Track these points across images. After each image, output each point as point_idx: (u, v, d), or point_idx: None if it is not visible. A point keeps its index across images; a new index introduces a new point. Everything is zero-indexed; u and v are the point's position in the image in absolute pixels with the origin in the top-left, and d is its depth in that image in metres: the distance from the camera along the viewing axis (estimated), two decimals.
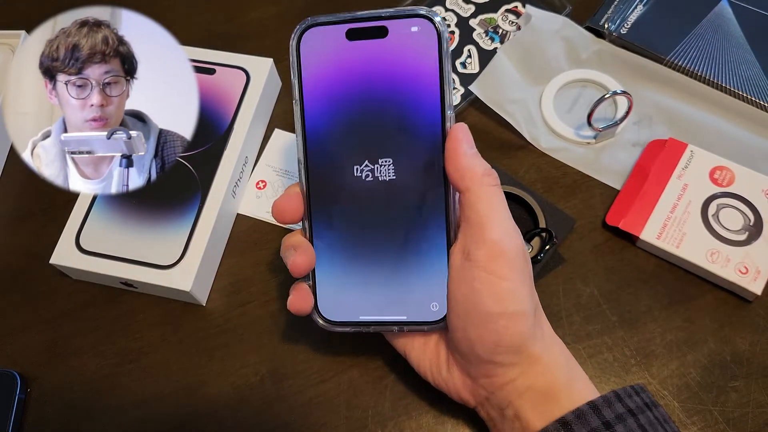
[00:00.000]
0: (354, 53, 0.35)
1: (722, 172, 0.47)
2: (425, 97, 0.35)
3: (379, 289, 0.36)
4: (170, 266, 0.45)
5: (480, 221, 0.34)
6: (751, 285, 0.43)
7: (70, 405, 0.44)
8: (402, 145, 0.35)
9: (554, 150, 0.51)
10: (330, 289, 0.37)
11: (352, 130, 0.36)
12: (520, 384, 0.34)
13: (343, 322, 0.37)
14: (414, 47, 0.34)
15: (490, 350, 0.34)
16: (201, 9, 0.61)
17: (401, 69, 0.35)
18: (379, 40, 0.35)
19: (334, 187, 0.36)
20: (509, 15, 0.57)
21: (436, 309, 0.36)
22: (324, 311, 0.37)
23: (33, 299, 0.48)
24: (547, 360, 0.34)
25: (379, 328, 0.37)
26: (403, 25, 0.34)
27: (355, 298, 0.37)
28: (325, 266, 0.37)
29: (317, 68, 0.36)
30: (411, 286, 0.36)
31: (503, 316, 0.33)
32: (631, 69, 0.53)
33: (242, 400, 0.43)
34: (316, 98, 0.36)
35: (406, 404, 0.42)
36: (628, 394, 0.34)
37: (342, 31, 0.35)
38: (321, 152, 0.36)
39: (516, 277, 0.34)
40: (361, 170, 0.36)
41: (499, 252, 0.33)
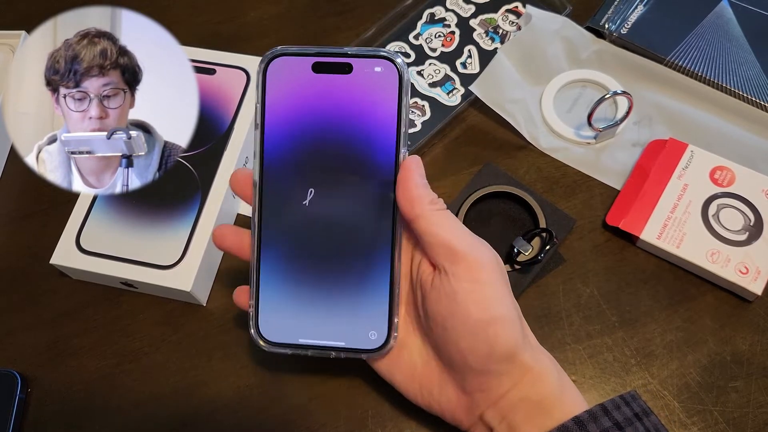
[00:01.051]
0: (317, 85, 0.36)
1: (722, 172, 0.47)
2: (381, 134, 0.36)
3: (320, 314, 0.37)
4: (170, 266, 0.45)
5: (443, 241, 0.34)
6: (752, 285, 0.43)
7: (70, 405, 0.44)
8: (353, 177, 0.37)
9: (554, 150, 0.51)
10: (271, 311, 0.38)
11: (307, 159, 0.37)
12: (513, 395, 0.34)
13: (282, 343, 0.38)
14: (376, 86, 0.36)
15: (484, 360, 0.34)
16: (201, 9, 0.61)
17: (361, 105, 0.36)
18: (343, 76, 0.36)
19: (284, 212, 0.37)
20: (509, 15, 0.57)
21: (374, 338, 0.37)
22: (264, 332, 0.38)
23: (33, 299, 0.48)
24: (538, 369, 0.34)
25: (317, 352, 0.38)
26: (367, 64, 0.36)
27: (295, 321, 0.38)
28: (269, 287, 0.38)
29: (281, 96, 0.37)
30: (351, 314, 0.37)
31: (491, 322, 0.33)
32: (632, 69, 0.53)
33: (242, 400, 0.43)
34: (276, 125, 0.37)
35: (406, 404, 0.42)
36: (616, 406, 0.33)
37: (309, 63, 0.36)
38: (275, 177, 0.37)
39: (496, 282, 0.34)
40: (311, 198, 0.37)
41: (475, 262, 0.34)
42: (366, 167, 0.36)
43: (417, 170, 0.35)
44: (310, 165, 0.37)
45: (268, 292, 0.38)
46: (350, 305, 0.37)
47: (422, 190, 0.35)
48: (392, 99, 0.36)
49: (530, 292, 0.45)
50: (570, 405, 0.34)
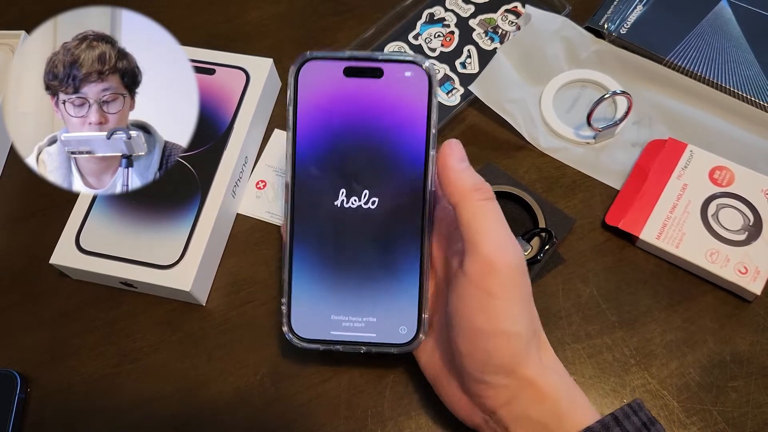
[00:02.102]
0: (349, 89, 0.38)
1: (722, 172, 0.47)
2: (411, 135, 0.37)
3: (351, 309, 0.38)
4: (170, 266, 0.45)
5: (471, 237, 0.33)
6: (751, 285, 0.43)
7: (70, 405, 0.44)
8: (383, 179, 0.38)
9: (554, 150, 0.51)
10: (304, 307, 0.39)
11: (338, 160, 0.38)
12: (515, 409, 0.33)
13: (314, 339, 0.39)
14: (406, 90, 0.37)
15: (480, 368, 0.33)
16: (201, 9, 0.61)
17: (392, 108, 0.37)
18: (374, 80, 0.37)
19: (316, 211, 0.38)
20: (509, 15, 0.57)
21: (404, 332, 0.38)
22: (296, 328, 0.39)
23: (33, 299, 0.48)
24: (543, 386, 0.33)
25: (348, 347, 0.38)
26: (398, 69, 0.37)
27: (327, 317, 0.39)
28: (301, 284, 0.39)
29: (313, 99, 0.38)
30: (382, 309, 0.38)
31: (493, 335, 0.33)
32: (631, 69, 0.53)
33: (242, 400, 0.43)
34: (308, 127, 0.38)
35: (406, 404, 0.42)
36: (626, 415, 0.33)
37: (340, 68, 0.38)
38: (307, 178, 0.38)
39: (508, 295, 0.33)
40: (342, 199, 0.38)
41: (490, 269, 0.33)
42: (396, 168, 0.37)
43: (454, 153, 0.35)
44: (341, 166, 0.38)
45: (300, 289, 0.39)
46: (381, 301, 0.38)
47: (460, 174, 0.34)
48: (422, 102, 0.37)
49: None
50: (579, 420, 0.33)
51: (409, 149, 0.37)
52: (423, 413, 0.42)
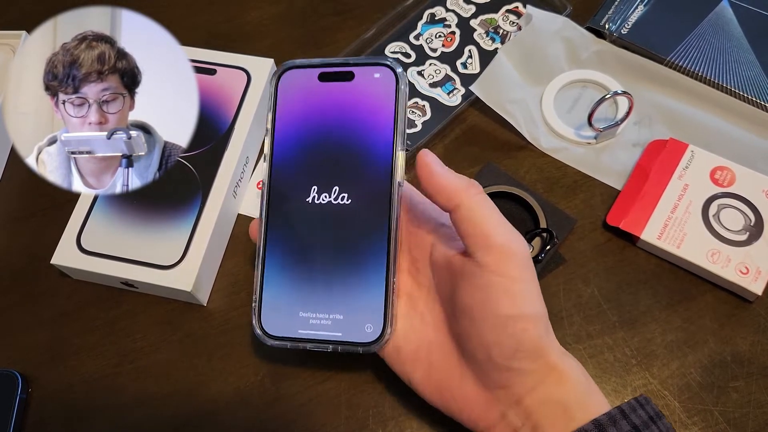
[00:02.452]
0: (323, 93, 0.39)
1: (723, 173, 0.47)
2: (379, 135, 0.38)
3: (318, 307, 0.38)
4: (171, 266, 0.45)
5: (482, 231, 0.34)
6: (752, 285, 0.43)
7: (70, 405, 0.44)
8: (352, 176, 0.39)
9: (555, 150, 0.51)
10: (274, 305, 0.39)
11: (311, 160, 0.39)
12: (538, 395, 0.33)
13: (282, 337, 0.39)
14: (374, 91, 0.39)
15: (509, 355, 0.33)
16: (201, 9, 0.61)
17: (361, 109, 0.39)
18: (346, 83, 0.39)
19: (289, 209, 0.39)
20: (510, 15, 0.57)
21: (370, 330, 0.38)
22: (266, 325, 0.39)
23: (33, 299, 0.48)
24: (564, 370, 0.34)
25: (315, 345, 0.38)
26: (368, 71, 0.39)
27: (295, 315, 0.39)
28: (272, 282, 0.39)
29: (290, 104, 0.40)
30: (348, 307, 0.38)
31: (521, 319, 0.33)
32: (632, 69, 0.53)
33: (242, 400, 0.43)
34: (285, 129, 0.40)
35: (406, 404, 0.42)
36: (632, 409, 0.33)
37: (315, 74, 0.40)
38: (282, 177, 0.40)
39: (527, 278, 0.34)
40: (312, 196, 0.39)
41: (510, 254, 0.34)
42: (364, 166, 0.38)
43: (434, 161, 0.36)
44: (314, 164, 0.39)
45: (271, 287, 0.39)
46: (347, 298, 0.38)
47: (450, 178, 0.35)
48: (390, 102, 0.38)
49: None
50: (594, 408, 0.33)
51: (377, 147, 0.38)
52: (424, 413, 0.42)
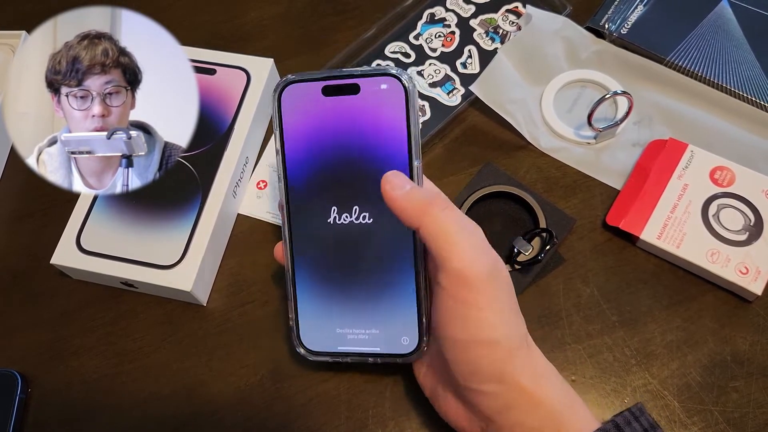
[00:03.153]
0: (329, 108, 0.38)
1: (722, 173, 0.47)
2: (393, 148, 0.37)
3: (354, 323, 0.39)
4: (171, 266, 0.45)
5: (439, 252, 0.33)
6: (752, 285, 0.43)
7: (70, 405, 0.44)
8: (371, 193, 0.38)
9: (554, 150, 0.51)
10: (310, 322, 0.40)
11: (327, 178, 0.38)
12: (510, 417, 0.33)
13: (323, 352, 0.40)
14: (383, 103, 0.37)
15: (467, 377, 0.33)
16: (201, 9, 0.61)
17: (372, 123, 0.37)
18: (352, 96, 0.37)
19: (311, 230, 0.39)
20: (509, 15, 0.57)
21: (407, 343, 0.38)
22: (306, 342, 0.40)
23: (33, 299, 0.48)
24: (538, 394, 0.33)
25: (356, 358, 0.39)
26: (374, 83, 0.37)
27: (333, 331, 0.39)
28: (306, 300, 0.40)
29: (296, 121, 0.38)
30: (383, 322, 0.38)
31: (473, 344, 0.32)
32: (632, 69, 0.53)
33: (242, 400, 0.43)
34: (296, 149, 0.39)
35: (406, 404, 0.42)
36: (627, 422, 0.33)
37: (318, 88, 0.38)
38: (300, 198, 0.39)
39: (485, 304, 0.32)
40: (334, 216, 0.38)
41: (462, 280, 0.32)
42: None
43: (395, 179, 0.34)
44: (330, 184, 0.38)
45: (305, 305, 0.40)
46: (381, 313, 0.38)
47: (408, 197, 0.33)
48: (400, 113, 0.37)
49: (530, 292, 0.45)
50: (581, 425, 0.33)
51: (392, 162, 0.37)
52: (424, 413, 0.42)
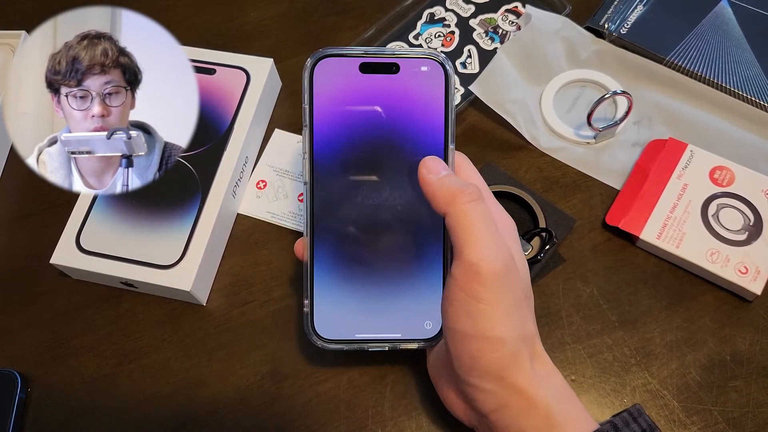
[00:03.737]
0: (365, 85, 0.37)
1: (722, 172, 0.47)
2: (429, 130, 0.37)
3: (375, 307, 0.38)
4: (171, 266, 0.45)
5: (457, 242, 0.33)
6: (751, 285, 0.43)
7: (70, 404, 0.44)
8: (403, 174, 0.37)
9: (554, 150, 0.51)
10: (327, 308, 0.38)
11: (357, 158, 0.37)
12: (504, 417, 0.33)
13: (338, 340, 0.38)
14: (423, 85, 0.37)
15: (466, 371, 0.33)
16: (201, 9, 0.61)
17: (409, 103, 0.37)
18: (391, 75, 0.37)
19: (336, 210, 0.38)
20: (509, 15, 0.57)
21: (430, 327, 0.38)
22: (320, 329, 0.38)
23: (33, 299, 0.48)
24: (534, 396, 0.32)
25: (373, 345, 0.38)
26: (414, 64, 0.37)
27: (351, 317, 0.38)
28: (324, 285, 0.38)
29: (329, 96, 0.37)
30: (406, 306, 0.38)
31: (477, 339, 0.32)
32: (631, 69, 0.53)
33: (242, 400, 0.43)
34: (325, 124, 0.37)
35: (406, 404, 0.42)
36: (625, 423, 0.33)
37: (356, 64, 0.37)
38: (326, 176, 0.38)
39: (494, 301, 0.32)
40: (362, 195, 0.37)
41: (474, 274, 0.32)
42: (415, 163, 0.36)
43: (433, 164, 0.35)
44: (360, 163, 0.37)
45: (323, 290, 0.38)
46: (405, 297, 0.38)
47: (448, 184, 0.34)
48: (439, 96, 0.37)
49: None
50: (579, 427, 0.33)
51: (428, 144, 0.37)
52: (423, 413, 0.42)
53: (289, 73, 0.56)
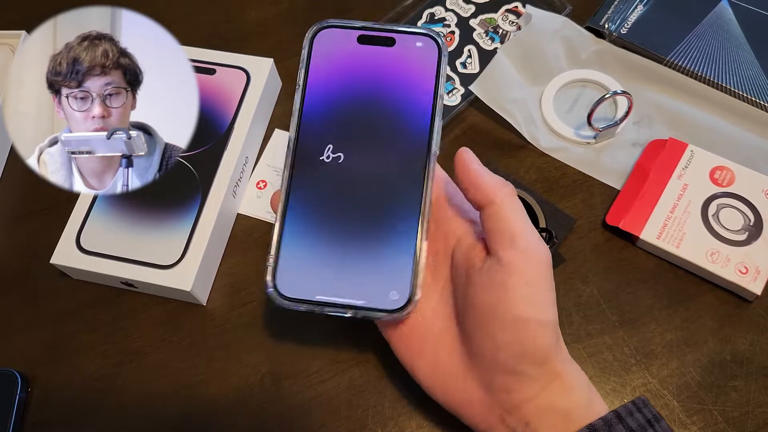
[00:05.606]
0: (361, 55, 0.39)
1: (722, 172, 0.47)
2: (418, 103, 0.38)
3: (341, 270, 0.37)
4: (171, 266, 0.45)
5: (510, 230, 0.34)
6: (751, 285, 0.43)
7: (70, 404, 0.44)
8: (386, 141, 0.38)
9: (554, 150, 0.51)
10: (291, 265, 0.37)
11: (342, 120, 0.39)
12: (540, 402, 0.33)
13: (298, 299, 0.37)
14: (416, 59, 0.38)
15: (516, 358, 0.33)
16: (201, 9, 0.61)
17: (401, 75, 0.38)
18: (386, 48, 0.39)
19: (313, 170, 0.38)
20: (509, 15, 0.57)
21: (395, 298, 0.36)
22: (281, 286, 0.37)
23: (33, 299, 0.49)
24: (568, 378, 0.34)
25: (333, 310, 0.36)
26: (410, 39, 0.39)
27: (314, 277, 0.37)
28: (291, 242, 0.37)
29: (325, 62, 0.39)
30: (373, 272, 0.36)
31: (533, 323, 0.33)
32: (631, 69, 0.53)
33: (242, 400, 0.43)
34: (317, 87, 0.39)
35: (406, 404, 0.42)
36: (629, 412, 0.33)
37: (354, 35, 0.39)
38: (310, 135, 0.39)
39: (546, 285, 0.34)
40: (342, 157, 0.38)
41: (534, 257, 0.34)
42: (400, 133, 0.38)
43: (473, 158, 0.36)
44: (344, 126, 0.38)
45: (289, 246, 0.37)
46: (372, 263, 0.37)
47: (489, 176, 0.36)
48: (431, 71, 0.38)
49: None
50: (594, 415, 0.33)
51: (415, 113, 0.38)
52: (423, 413, 0.42)
53: (289, 73, 0.56)
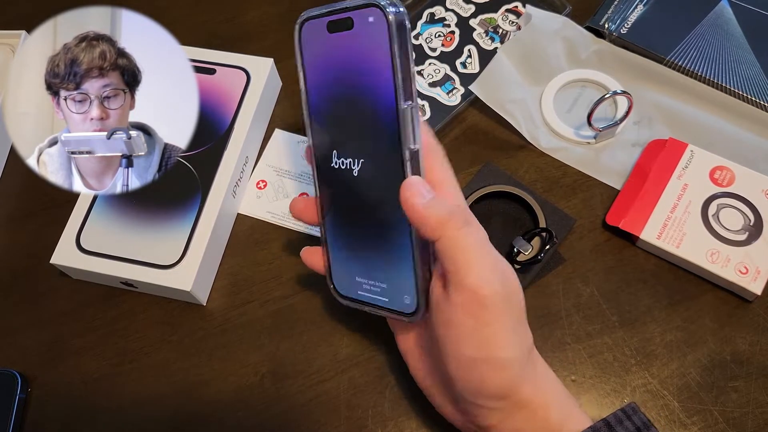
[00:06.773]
0: (332, 45, 0.36)
1: (722, 172, 0.47)
2: (380, 89, 0.34)
3: (368, 273, 0.38)
4: (171, 266, 0.45)
5: (455, 268, 0.32)
6: (751, 285, 0.43)
7: (70, 404, 0.44)
8: (364, 139, 0.35)
9: (554, 150, 0.51)
10: (337, 265, 0.39)
11: (332, 121, 0.37)
12: (507, 426, 0.33)
13: (347, 296, 0.39)
14: (371, 38, 0.34)
15: (473, 394, 0.33)
16: (201, 9, 0.61)
17: (363, 60, 0.34)
18: (348, 32, 0.35)
19: (331, 176, 0.38)
20: (509, 15, 0.57)
21: (408, 302, 0.36)
22: (337, 285, 0.39)
23: (33, 299, 0.48)
24: (537, 403, 0.33)
25: (371, 309, 0.38)
26: (363, 15, 0.34)
27: (353, 277, 0.38)
28: (332, 243, 0.39)
29: (312, 59, 0.37)
30: (388, 275, 0.37)
31: (485, 362, 0.32)
32: (631, 69, 0.53)
33: (242, 400, 0.43)
34: (314, 88, 0.37)
35: (406, 404, 0.42)
36: (619, 420, 0.33)
37: (324, 24, 0.35)
38: (318, 142, 0.38)
39: (498, 322, 0.32)
40: (339, 162, 0.37)
41: (478, 298, 0.32)
42: (372, 128, 0.35)
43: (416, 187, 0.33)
44: (338, 130, 0.37)
45: (332, 249, 0.39)
46: (385, 267, 0.37)
47: (430, 209, 0.32)
48: (384, 48, 0.33)
49: (530, 291, 0.45)
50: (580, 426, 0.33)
51: (379, 104, 0.34)
52: (423, 413, 0.42)
53: (289, 73, 0.56)
